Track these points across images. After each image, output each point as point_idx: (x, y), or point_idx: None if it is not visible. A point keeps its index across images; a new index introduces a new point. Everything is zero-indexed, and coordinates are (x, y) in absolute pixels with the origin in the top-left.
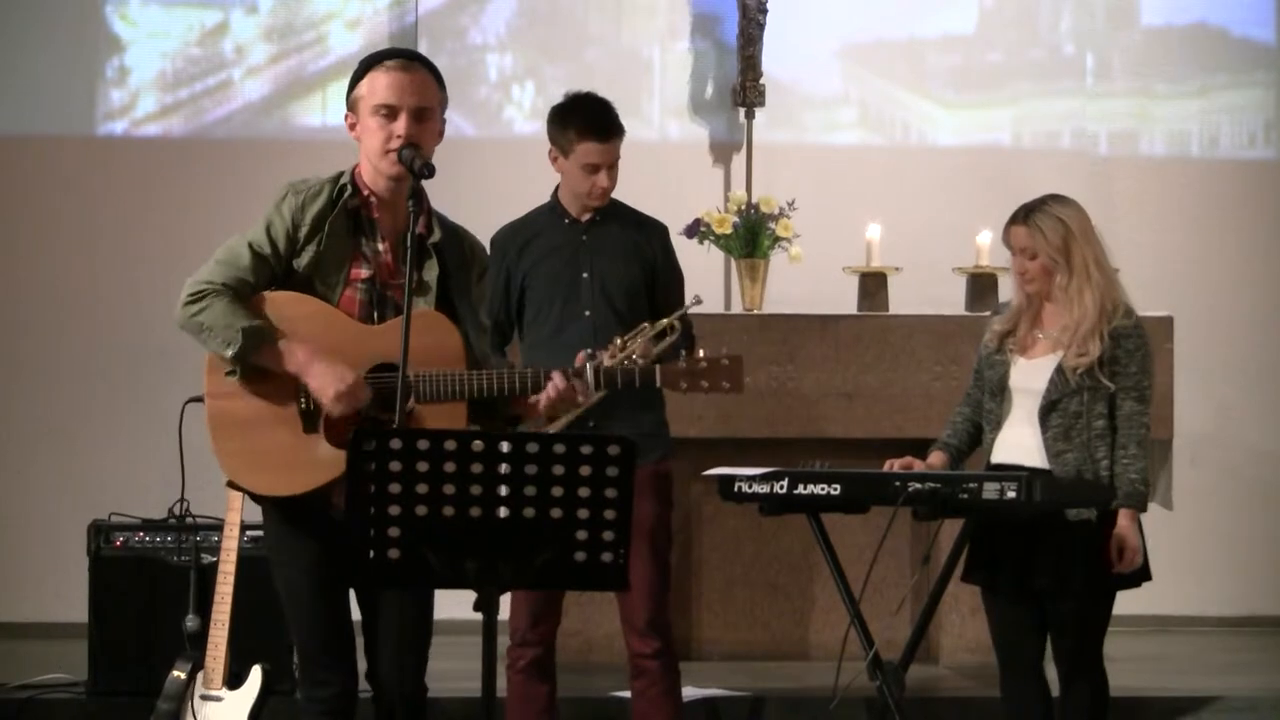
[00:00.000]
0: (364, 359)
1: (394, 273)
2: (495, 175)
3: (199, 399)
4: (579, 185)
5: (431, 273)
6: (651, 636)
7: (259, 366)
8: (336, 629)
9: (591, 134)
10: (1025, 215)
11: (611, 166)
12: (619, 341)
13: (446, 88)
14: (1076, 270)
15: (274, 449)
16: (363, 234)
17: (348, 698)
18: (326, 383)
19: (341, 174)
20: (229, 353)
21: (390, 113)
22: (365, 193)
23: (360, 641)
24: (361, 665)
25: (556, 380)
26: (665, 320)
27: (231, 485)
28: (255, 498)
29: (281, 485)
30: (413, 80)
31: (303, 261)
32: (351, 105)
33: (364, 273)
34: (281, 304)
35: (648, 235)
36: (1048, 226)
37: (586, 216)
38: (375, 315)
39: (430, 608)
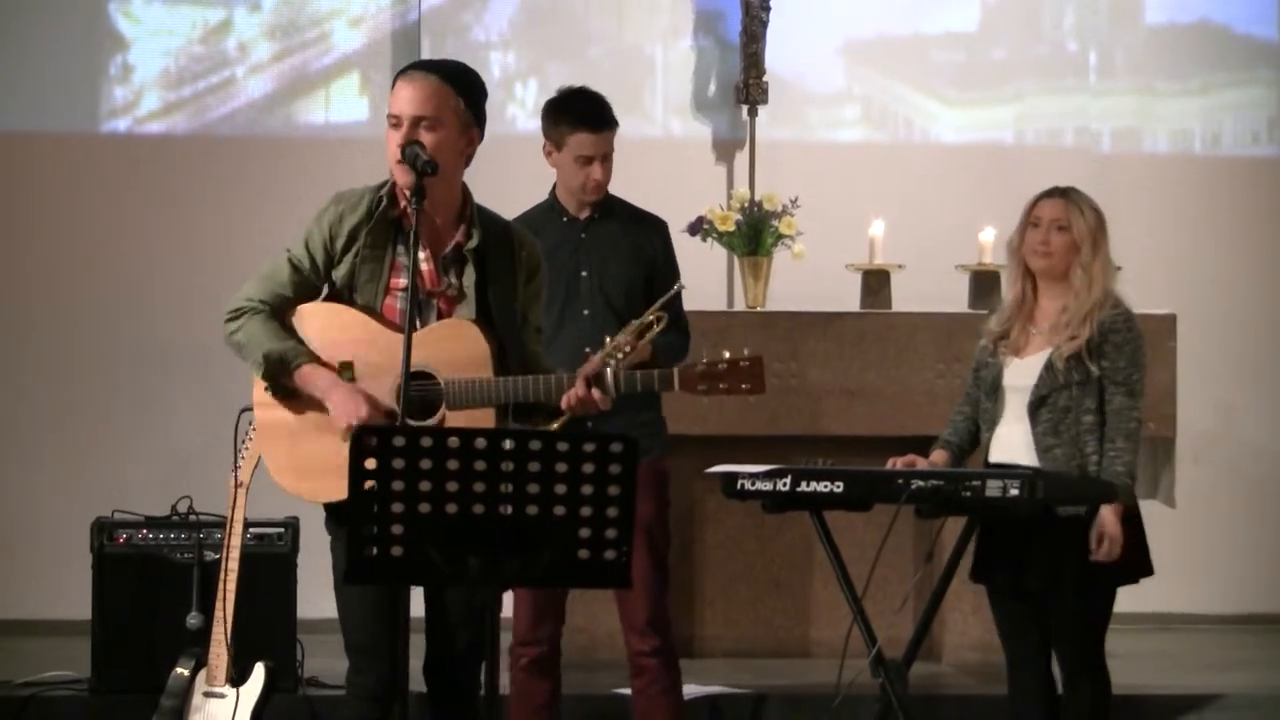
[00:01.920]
0: (398, 367)
1: (435, 281)
2: (498, 173)
3: (251, 409)
4: (573, 179)
5: (469, 279)
6: (651, 634)
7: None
8: (379, 623)
9: (584, 124)
10: (1064, 192)
11: (605, 159)
12: (608, 341)
13: (476, 96)
14: (1099, 254)
15: (317, 456)
16: (403, 243)
17: (387, 687)
18: (340, 414)
19: (385, 183)
20: (257, 374)
21: (396, 122)
22: (403, 203)
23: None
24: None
25: (578, 389)
26: (648, 315)
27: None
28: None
29: (327, 491)
30: (415, 90)
31: (340, 272)
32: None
33: (403, 282)
34: (318, 315)
35: (647, 232)
36: (1087, 207)
37: (585, 214)
38: (418, 323)
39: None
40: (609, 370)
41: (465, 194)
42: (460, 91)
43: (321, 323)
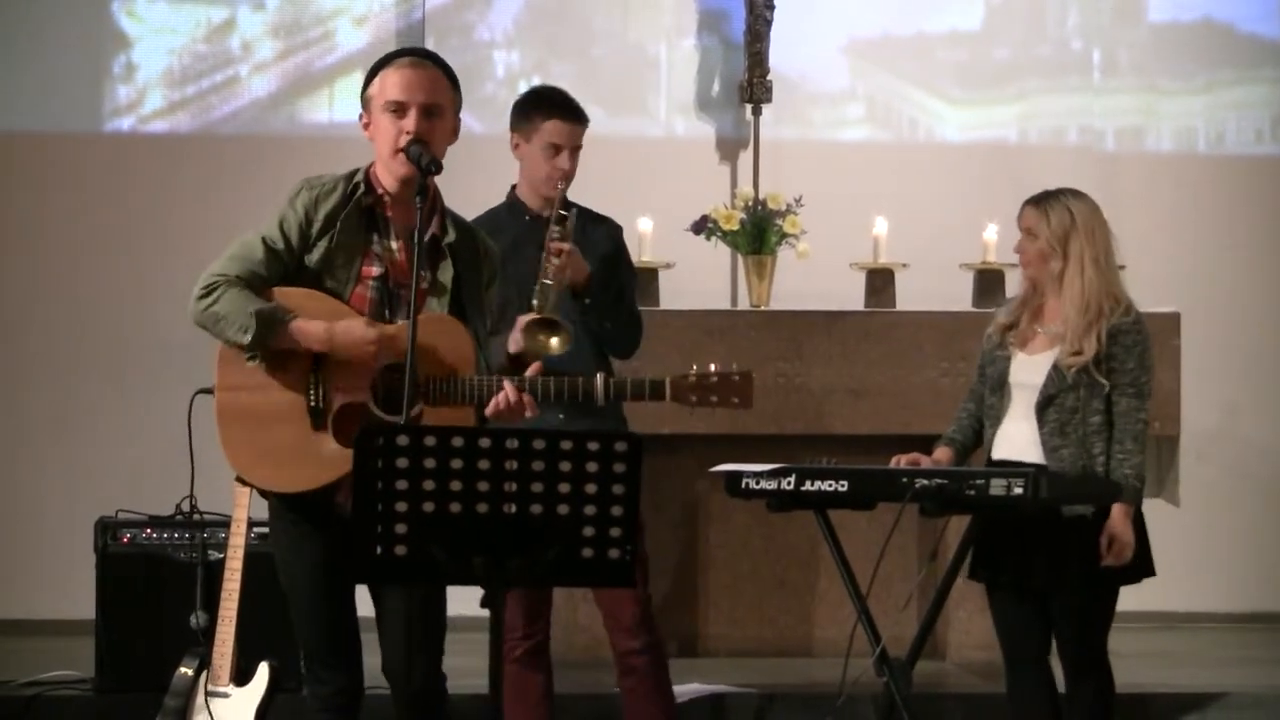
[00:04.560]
0: (373, 359)
1: (407, 271)
2: (502, 172)
3: (208, 390)
4: (539, 169)
5: (446, 274)
6: (643, 631)
7: (276, 355)
8: (339, 627)
9: (559, 113)
10: (1040, 199)
11: (574, 152)
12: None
13: (459, 91)
14: (1071, 261)
15: (281, 444)
16: (376, 232)
17: (350, 695)
18: (358, 350)
19: (356, 171)
20: (246, 339)
21: (400, 109)
22: (379, 191)
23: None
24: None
25: (509, 392)
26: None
27: (239, 480)
28: (262, 493)
29: (287, 481)
30: (422, 77)
31: (314, 257)
32: (365, 104)
33: (375, 270)
34: (294, 300)
35: (604, 233)
36: (1054, 213)
37: (547, 212)
38: (386, 313)
39: (442, 600)
40: (599, 379)
41: (434, 187)
42: (454, 84)
43: (298, 307)
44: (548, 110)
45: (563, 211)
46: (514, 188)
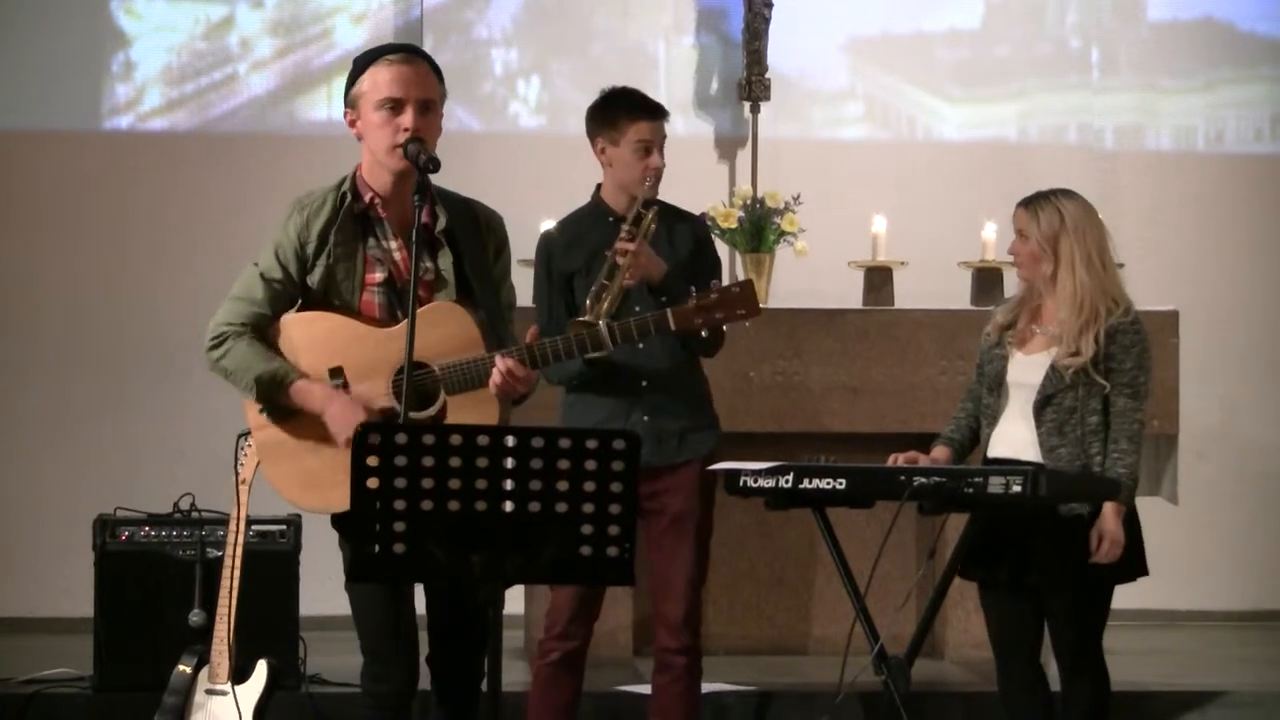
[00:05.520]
0: (388, 363)
1: (410, 269)
2: (500, 170)
3: (247, 433)
4: (631, 171)
5: (446, 261)
6: (685, 632)
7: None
8: (395, 630)
9: (642, 113)
10: (1030, 200)
11: (661, 148)
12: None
13: (446, 81)
14: (1062, 262)
15: (321, 468)
16: (372, 236)
17: (403, 696)
18: (340, 428)
19: (343, 180)
20: (251, 398)
21: (395, 106)
22: (369, 195)
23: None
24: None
25: (500, 364)
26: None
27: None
28: None
29: (336, 502)
30: (416, 73)
31: (315, 277)
32: (351, 102)
33: (379, 275)
34: (298, 326)
35: (688, 230)
36: (1044, 215)
37: (633, 214)
38: (398, 314)
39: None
40: (602, 324)
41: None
42: (440, 78)
43: (303, 332)
44: (630, 111)
45: (641, 210)
46: (598, 189)
